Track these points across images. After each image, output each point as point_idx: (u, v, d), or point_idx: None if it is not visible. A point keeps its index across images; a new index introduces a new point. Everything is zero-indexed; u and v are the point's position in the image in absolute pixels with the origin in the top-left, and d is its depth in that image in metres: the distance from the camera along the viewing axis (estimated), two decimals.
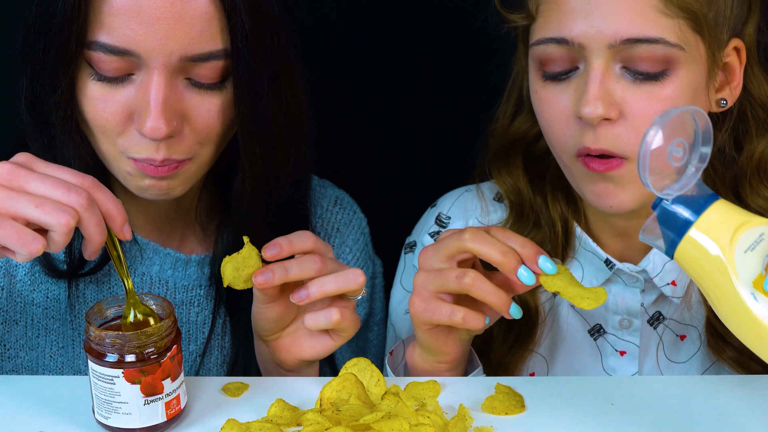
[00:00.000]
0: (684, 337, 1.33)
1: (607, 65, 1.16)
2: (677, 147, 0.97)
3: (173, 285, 1.34)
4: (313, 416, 1.05)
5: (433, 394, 1.15)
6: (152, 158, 1.18)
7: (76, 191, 1.04)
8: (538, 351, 1.35)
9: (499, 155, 1.36)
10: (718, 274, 0.96)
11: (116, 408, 1.06)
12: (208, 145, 1.21)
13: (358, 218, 1.46)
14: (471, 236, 1.14)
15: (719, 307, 0.98)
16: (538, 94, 1.23)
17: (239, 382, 1.17)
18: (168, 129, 1.15)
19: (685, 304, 1.32)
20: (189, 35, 1.14)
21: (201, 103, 1.18)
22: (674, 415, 1.10)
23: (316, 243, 1.19)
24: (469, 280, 1.13)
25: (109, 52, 1.15)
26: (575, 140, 1.19)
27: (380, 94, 1.63)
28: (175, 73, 1.16)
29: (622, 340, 1.33)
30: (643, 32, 1.15)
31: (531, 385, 1.16)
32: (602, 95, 1.16)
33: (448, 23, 1.59)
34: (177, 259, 1.33)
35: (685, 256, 0.97)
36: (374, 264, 1.49)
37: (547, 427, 1.10)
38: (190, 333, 1.36)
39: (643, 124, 1.16)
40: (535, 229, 1.34)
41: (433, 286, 1.15)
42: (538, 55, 1.21)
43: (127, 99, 1.17)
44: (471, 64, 1.58)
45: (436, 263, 1.16)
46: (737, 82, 1.24)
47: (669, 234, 0.98)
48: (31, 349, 1.31)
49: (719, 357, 1.31)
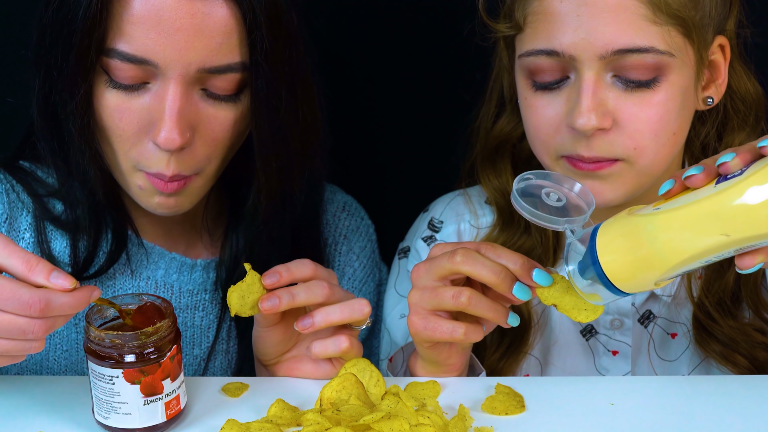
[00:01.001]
0: (675, 335, 1.33)
1: (599, 75, 1.17)
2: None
3: (178, 289, 1.33)
4: (313, 416, 1.05)
5: (433, 394, 1.15)
6: (162, 173, 1.18)
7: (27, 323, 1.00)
8: (531, 353, 1.35)
9: (486, 158, 1.36)
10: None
11: (116, 408, 1.06)
12: (215, 159, 1.21)
13: (365, 225, 1.46)
14: (462, 259, 1.12)
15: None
16: (528, 102, 1.23)
17: (239, 383, 1.17)
18: (182, 140, 1.15)
19: (675, 301, 1.32)
20: (208, 47, 1.14)
21: (214, 115, 1.18)
22: (673, 415, 1.11)
23: (316, 271, 1.17)
24: (466, 299, 1.12)
25: (127, 61, 1.14)
26: (563, 146, 1.20)
27: (389, 96, 1.63)
28: (191, 84, 1.15)
29: (614, 340, 1.33)
30: (633, 42, 1.15)
31: (531, 385, 1.16)
32: (595, 106, 1.16)
33: (446, 28, 1.59)
34: (182, 264, 1.33)
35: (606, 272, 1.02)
36: (380, 271, 1.48)
37: (547, 427, 1.10)
38: (195, 337, 1.35)
39: (637, 129, 1.18)
40: (525, 235, 1.33)
41: (429, 305, 1.15)
42: (527, 65, 1.21)
43: (142, 108, 1.16)
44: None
45: (428, 282, 1.15)
46: (722, 79, 1.25)
47: (588, 268, 1.03)
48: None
49: (706, 352, 1.31)
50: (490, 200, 1.38)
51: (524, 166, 1.34)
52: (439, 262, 1.14)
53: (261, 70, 1.16)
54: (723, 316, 1.29)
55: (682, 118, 1.21)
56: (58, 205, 1.28)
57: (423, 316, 1.15)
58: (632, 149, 1.18)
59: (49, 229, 1.28)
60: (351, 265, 1.43)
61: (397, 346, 1.38)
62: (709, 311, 1.29)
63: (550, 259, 1.33)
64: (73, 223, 1.27)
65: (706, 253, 0.96)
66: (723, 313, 1.29)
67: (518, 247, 1.32)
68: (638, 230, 0.98)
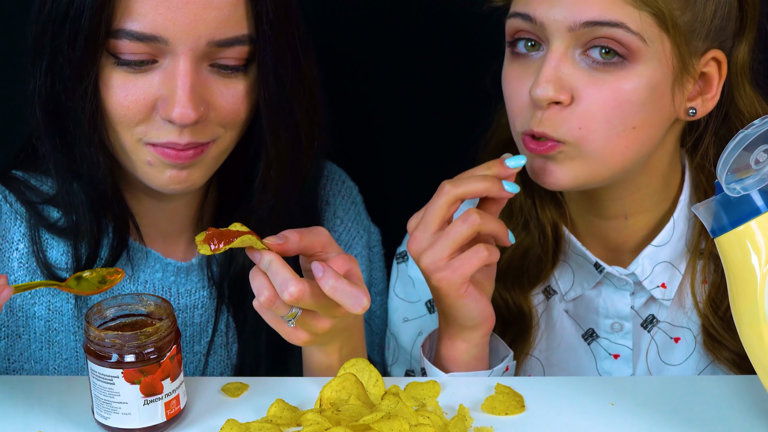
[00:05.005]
0: (678, 339, 1.33)
1: (566, 49, 1.17)
2: (763, 153, 1.00)
3: (176, 291, 1.33)
4: (313, 416, 1.05)
5: (433, 394, 1.15)
6: (175, 142, 1.17)
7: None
8: (533, 354, 1.35)
9: (495, 153, 1.36)
10: (749, 278, 1.01)
11: (116, 408, 1.06)
12: (232, 129, 1.22)
13: (347, 188, 1.45)
14: (452, 185, 1.18)
15: (737, 304, 1.02)
16: (506, 73, 1.24)
17: (239, 383, 1.17)
18: (196, 114, 1.15)
19: (677, 306, 1.32)
20: (217, 20, 1.15)
21: (225, 89, 1.19)
22: (674, 415, 1.10)
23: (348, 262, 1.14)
24: (477, 216, 1.17)
25: (136, 39, 1.14)
26: (524, 122, 1.20)
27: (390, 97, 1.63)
28: (200, 59, 1.16)
29: (615, 344, 1.33)
30: (603, 15, 1.14)
31: (531, 385, 1.16)
32: (554, 78, 1.16)
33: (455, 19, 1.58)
34: (179, 269, 1.33)
35: (727, 245, 1.02)
36: (370, 233, 1.47)
37: (547, 427, 1.10)
38: (195, 335, 1.35)
39: (588, 109, 1.17)
40: (524, 232, 1.33)
41: (448, 250, 1.17)
42: (508, 29, 1.22)
43: (151, 86, 1.16)
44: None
45: (431, 239, 1.18)
46: (713, 94, 1.23)
47: (722, 218, 1.01)
48: (36, 361, 1.30)
49: (716, 358, 1.30)
50: None
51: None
52: (432, 208, 1.19)
53: (267, 40, 1.18)
54: (732, 335, 1.27)
55: (646, 116, 1.18)
56: (54, 213, 1.28)
57: (445, 265, 1.17)
58: (577, 129, 1.17)
59: (45, 238, 1.28)
60: (335, 229, 1.42)
61: (404, 351, 1.38)
62: (716, 328, 1.29)
63: (549, 259, 1.33)
64: (72, 228, 1.26)
65: None
66: (732, 332, 1.28)
67: (518, 243, 1.32)
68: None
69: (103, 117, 1.19)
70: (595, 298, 1.33)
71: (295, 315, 1.11)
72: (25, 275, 1.27)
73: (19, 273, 1.28)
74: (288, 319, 1.12)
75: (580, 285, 1.33)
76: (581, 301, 1.34)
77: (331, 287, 1.09)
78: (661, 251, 1.29)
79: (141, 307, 1.10)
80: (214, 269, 1.33)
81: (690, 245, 1.30)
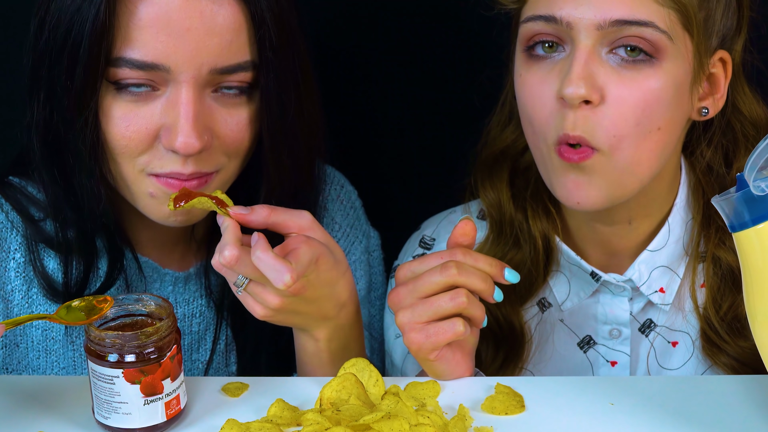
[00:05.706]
0: (676, 343, 1.32)
1: (594, 47, 1.15)
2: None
3: (174, 300, 1.33)
4: (313, 416, 1.05)
5: (433, 394, 1.15)
6: (179, 172, 1.16)
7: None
8: (527, 368, 1.34)
9: (486, 166, 1.34)
10: (766, 276, 1.00)
11: (116, 408, 1.06)
12: (236, 158, 1.21)
13: (346, 192, 1.44)
14: (458, 271, 1.13)
15: (752, 302, 1.02)
16: (522, 78, 1.21)
17: (239, 382, 1.17)
18: (200, 143, 1.14)
19: (676, 309, 1.31)
20: (219, 46, 1.13)
21: (229, 117, 1.18)
22: (674, 415, 1.10)
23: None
24: (465, 298, 1.13)
25: (137, 68, 1.13)
26: (557, 128, 1.17)
27: (394, 91, 1.63)
28: (203, 87, 1.15)
29: (613, 350, 1.32)
30: (633, 14, 1.14)
31: (531, 385, 1.16)
32: (586, 75, 1.15)
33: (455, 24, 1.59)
34: (176, 279, 1.32)
35: (746, 241, 1.01)
36: (369, 237, 1.46)
37: (547, 427, 1.10)
38: (193, 343, 1.35)
39: (621, 112, 1.15)
40: (515, 249, 1.32)
41: (426, 317, 1.14)
42: (525, 33, 1.20)
43: (153, 115, 1.15)
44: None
45: (415, 300, 1.14)
46: (721, 94, 1.23)
47: (744, 214, 1.00)
48: (34, 370, 1.30)
49: (714, 363, 1.30)
50: (485, 214, 1.37)
51: (520, 177, 1.33)
52: (429, 279, 1.14)
53: (270, 66, 1.17)
54: (734, 338, 1.27)
55: (671, 116, 1.18)
56: (51, 228, 1.26)
57: (420, 328, 1.14)
58: (612, 137, 1.16)
59: (42, 247, 1.27)
60: (333, 234, 1.40)
61: (395, 367, 1.38)
62: (718, 330, 1.28)
63: (540, 272, 1.32)
64: (64, 245, 1.25)
65: None
66: (734, 334, 1.28)
67: (508, 260, 1.30)
68: None
69: (104, 148, 1.17)
70: (593, 304, 1.32)
71: (243, 284, 1.12)
72: (22, 284, 1.27)
73: (16, 282, 1.27)
74: (238, 286, 1.13)
75: (576, 294, 1.32)
76: (578, 308, 1.33)
77: (256, 257, 1.08)
78: (657, 256, 1.28)
79: (141, 307, 1.10)
80: (212, 278, 1.33)
81: (688, 248, 1.30)
